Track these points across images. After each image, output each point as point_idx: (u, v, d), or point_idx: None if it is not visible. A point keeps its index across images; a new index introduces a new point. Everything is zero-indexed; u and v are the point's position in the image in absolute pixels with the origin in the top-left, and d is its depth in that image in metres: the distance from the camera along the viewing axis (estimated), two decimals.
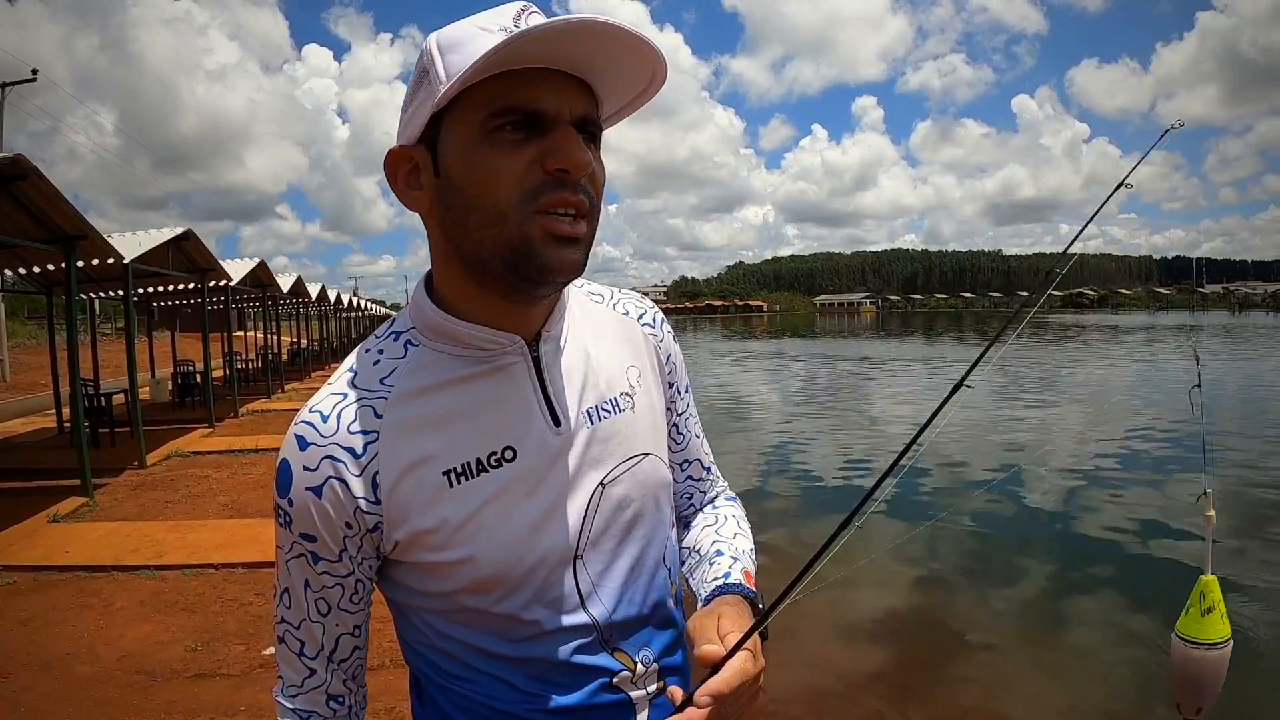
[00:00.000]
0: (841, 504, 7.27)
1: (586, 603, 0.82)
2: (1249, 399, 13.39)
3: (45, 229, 6.93)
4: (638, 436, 0.88)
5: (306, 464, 0.76)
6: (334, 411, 0.78)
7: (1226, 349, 25.31)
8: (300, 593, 0.81)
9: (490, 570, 0.78)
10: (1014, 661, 4.09)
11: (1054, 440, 10.16)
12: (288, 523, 0.78)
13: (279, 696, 0.85)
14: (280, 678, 0.86)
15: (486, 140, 0.70)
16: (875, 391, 16.95)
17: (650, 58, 0.71)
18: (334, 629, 0.83)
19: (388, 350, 0.81)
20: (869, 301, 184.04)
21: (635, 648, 0.85)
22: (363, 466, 0.76)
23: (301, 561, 0.79)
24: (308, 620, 0.82)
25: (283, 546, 0.81)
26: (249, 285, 14.95)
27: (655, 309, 0.98)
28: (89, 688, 3.42)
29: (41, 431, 11.41)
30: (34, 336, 26.78)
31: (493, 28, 0.70)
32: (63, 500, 6.55)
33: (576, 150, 0.70)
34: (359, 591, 0.82)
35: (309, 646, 0.83)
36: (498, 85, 0.69)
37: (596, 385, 0.86)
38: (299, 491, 0.77)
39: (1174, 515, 6.36)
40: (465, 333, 0.78)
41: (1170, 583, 4.99)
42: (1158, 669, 3.59)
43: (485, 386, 0.80)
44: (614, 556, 0.84)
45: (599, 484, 0.83)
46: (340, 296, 30.22)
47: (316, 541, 0.78)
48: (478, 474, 0.78)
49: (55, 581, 4.80)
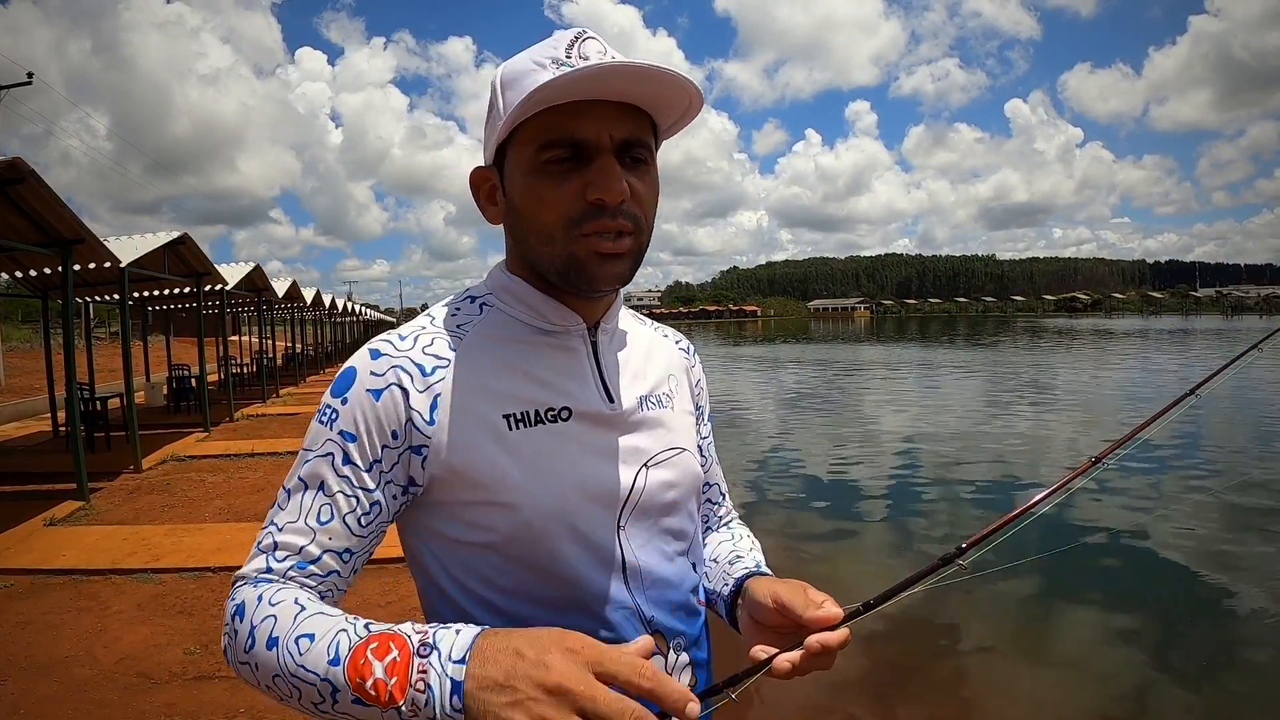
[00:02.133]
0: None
1: (629, 576, 0.84)
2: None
3: (42, 232, 6.92)
4: (678, 431, 0.94)
5: (375, 370, 0.80)
6: (411, 334, 0.84)
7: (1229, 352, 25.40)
8: (306, 494, 0.78)
9: (536, 517, 0.79)
10: (1013, 663, 4.12)
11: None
12: (330, 420, 0.79)
13: (239, 575, 0.79)
14: (243, 571, 0.79)
15: (538, 170, 0.79)
16: (898, 398, 16.97)
17: (682, 88, 0.78)
18: (324, 540, 0.77)
19: (464, 309, 0.89)
20: (863, 306, 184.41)
21: (670, 634, 0.86)
22: (428, 384, 0.80)
23: (327, 461, 0.78)
24: (299, 522, 0.78)
25: (311, 447, 0.80)
26: (244, 290, 14.94)
27: (688, 341, 1.09)
28: (88, 691, 3.41)
29: (36, 435, 11.38)
30: (28, 340, 26.67)
31: (545, 62, 0.78)
32: (59, 504, 6.54)
33: (613, 181, 0.77)
34: (372, 513, 0.79)
35: (285, 546, 0.77)
36: (546, 119, 0.77)
37: (645, 378, 0.93)
38: (357, 392, 0.79)
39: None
40: (543, 302, 0.86)
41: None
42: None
43: (551, 354, 0.86)
44: (655, 535, 0.87)
45: (643, 464, 0.87)
46: (335, 301, 30.18)
47: (355, 441, 0.78)
48: (535, 424, 0.82)
49: (52, 585, 4.79)
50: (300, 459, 0.81)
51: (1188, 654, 4.13)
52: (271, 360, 18.42)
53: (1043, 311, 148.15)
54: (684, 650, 0.87)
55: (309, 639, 0.69)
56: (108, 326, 30.82)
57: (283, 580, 0.77)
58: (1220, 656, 4.07)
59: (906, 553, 5.96)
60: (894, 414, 13.46)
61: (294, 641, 0.69)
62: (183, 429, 11.27)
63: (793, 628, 0.81)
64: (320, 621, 0.70)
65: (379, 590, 4.55)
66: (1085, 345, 34.31)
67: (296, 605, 0.73)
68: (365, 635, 0.67)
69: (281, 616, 0.72)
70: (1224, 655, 4.09)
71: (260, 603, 0.74)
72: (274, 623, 0.71)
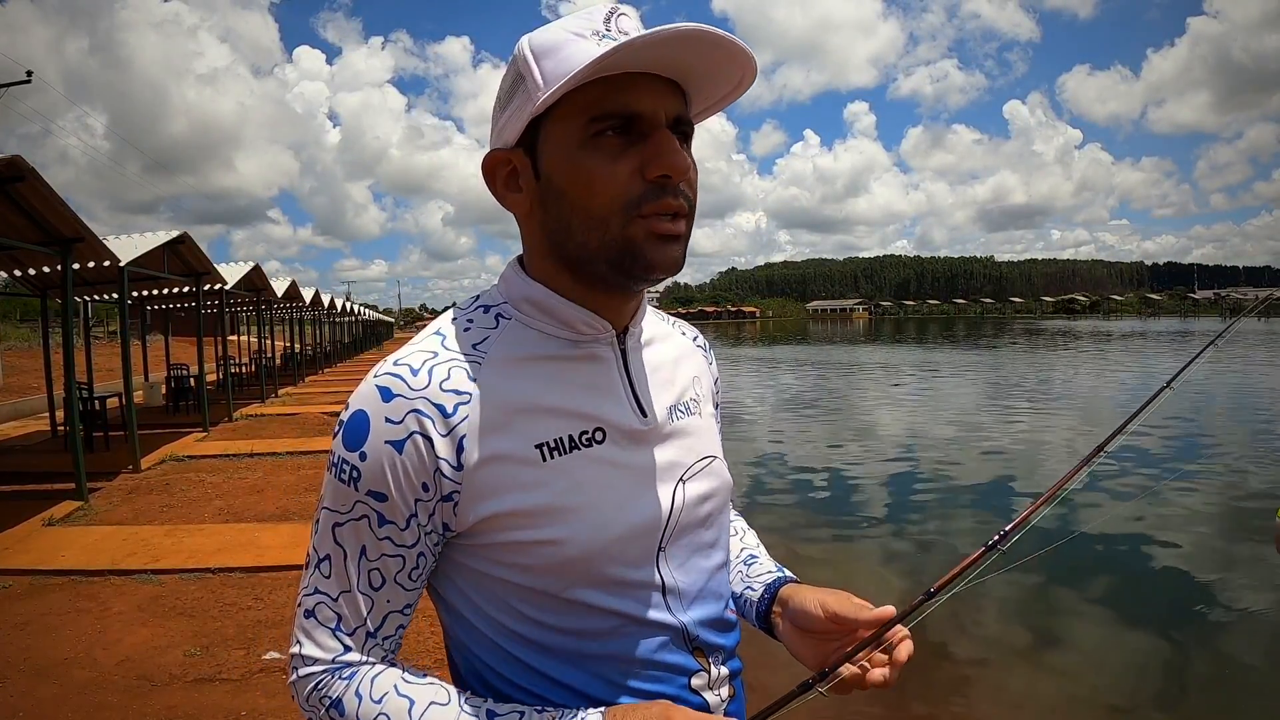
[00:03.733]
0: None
1: (669, 597, 0.80)
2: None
3: (42, 231, 6.90)
4: (707, 439, 0.89)
5: (390, 416, 0.71)
6: (424, 367, 0.74)
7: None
8: (350, 561, 0.74)
9: (578, 552, 0.74)
10: (1010, 663, 4.11)
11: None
12: (353, 480, 0.72)
13: (302, 671, 0.76)
14: (298, 654, 0.76)
15: (588, 145, 0.72)
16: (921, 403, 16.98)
17: (744, 62, 0.73)
18: (384, 605, 0.75)
19: (478, 320, 0.80)
20: (861, 307, 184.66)
21: (710, 649, 0.83)
22: (450, 427, 0.72)
23: (363, 525, 0.73)
24: (354, 592, 0.74)
25: (337, 508, 0.74)
26: (243, 289, 14.91)
27: (703, 336, 1.02)
28: (88, 693, 3.39)
29: (35, 435, 11.35)
30: (26, 340, 26.62)
31: (585, 32, 0.71)
32: (57, 504, 6.51)
33: (675, 155, 0.72)
34: (419, 566, 0.76)
35: (348, 621, 0.75)
36: (596, 91, 0.70)
37: (673, 386, 0.87)
38: (376, 444, 0.71)
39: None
40: (567, 309, 0.78)
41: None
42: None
43: (578, 368, 0.79)
44: (693, 552, 0.83)
45: (679, 479, 0.83)
46: (334, 301, 30.14)
47: (387, 501, 0.72)
48: (570, 450, 0.76)
49: (51, 585, 4.76)
50: (327, 521, 0.75)
51: (1197, 644, 4.12)
52: (270, 360, 18.38)
53: (1041, 313, 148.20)
54: (722, 664, 0.84)
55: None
56: (106, 326, 30.76)
57: (364, 658, 0.76)
58: (1225, 650, 4.07)
59: (914, 557, 5.95)
60: (904, 414, 13.46)
61: None
62: (181, 429, 11.24)
63: (844, 633, 0.86)
64: (438, 715, 0.71)
65: None
66: (1085, 346, 34.32)
67: (403, 698, 0.72)
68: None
69: (395, 715, 0.71)
70: (1229, 649, 4.08)
71: (361, 701, 0.73)
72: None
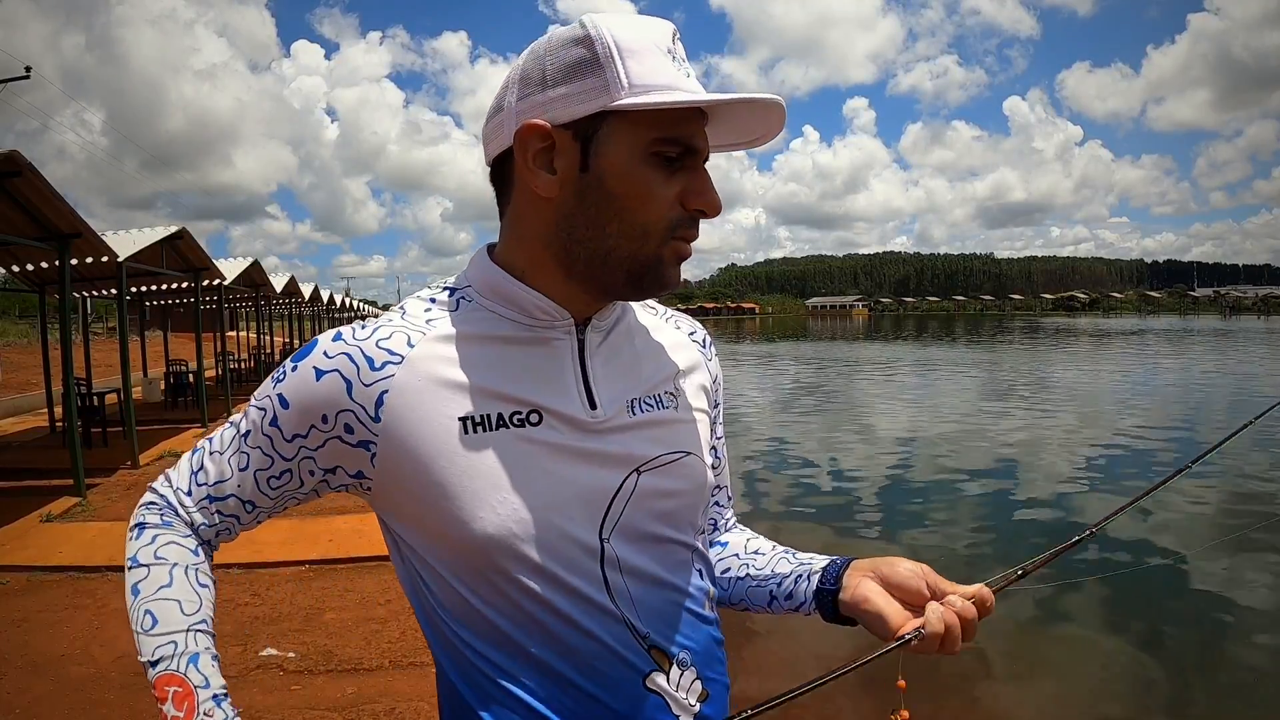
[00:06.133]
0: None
1: (614, 591, 0.78)
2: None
3: (40, 226, 6.88)
4: (682, 434, 0.86)
5: (327, 350, 0.78)
6: (374, 327, 0.80)
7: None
8: (237, 436, 0.83)
9: (496, 530, 0.74)
10: (1012, 663, 4.10)
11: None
12: (278, 380, 0.80)
13: (157, 485, 0.87)
14: (163, 474, 0.88)
15: (648, 160, 0.74)
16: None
17: (775, 128, 0.77)
18: (234, 485, 0.83)
19: (439, 300, 0.83)
20: (861, 304, 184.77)
21: (671, 649, 0.80)
22: (373, 380, 0.76)
23: (261, 415, 0.80)
24: (222, 457, 0.83)
25: (256, 397, 0.82)
26: (242, 285, 14.88)
27: (705, 331, 0.99)
28: (84, 689, 3.38)
29: (33, 431, 11.32)
30: (25, 336, 26.60)
31: (662, 48, 0.74)
32: (55, 500, 6.49)
33: (715, 195, 0.77)
34: (281, 480, 0.81)
35: (204, 474, 0.84)
36: (670, 114, 0.73)
37: (640, 380, 0.85)
38: (305, 367, 0.78)
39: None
40: (520, 293, 0.79)
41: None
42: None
43: (525, 353, 0.79)
44: (648, 545, 0.81)
45: (633, 470, 0.80)
46: (332, 297, 30.11)
47: (288, 410, 0.78)
48: (497, 428, 0.76)
49: (48, 582, 4.76)
50: (251, 402, 0.83)
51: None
52: (269, 356, 18.36)
53: (1040, 310, 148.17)
54: (690, 666, 0.81)
55: (151, 619, 0.77)
56: (105, 322, 30.74)
57: (186, 515, 0.84)
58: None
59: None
60: (907, 412, 13.46)
61: (143, 611, 0.78)
62: (180, 425, 11.22)
63: (925, 601, 0.81)
64: (171, 612, 0.78)
65: (379, 589, 4.53)
66: (1084, 345, 34.33)
67: (168, 574, 0.80)
68: (180, 671, 0.75)
69: (151, 576, 0.80)
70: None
71: (152, 544, 0.82)
72: (145, 575, 0.80)
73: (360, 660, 3.64)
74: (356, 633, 3.95)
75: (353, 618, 4.14)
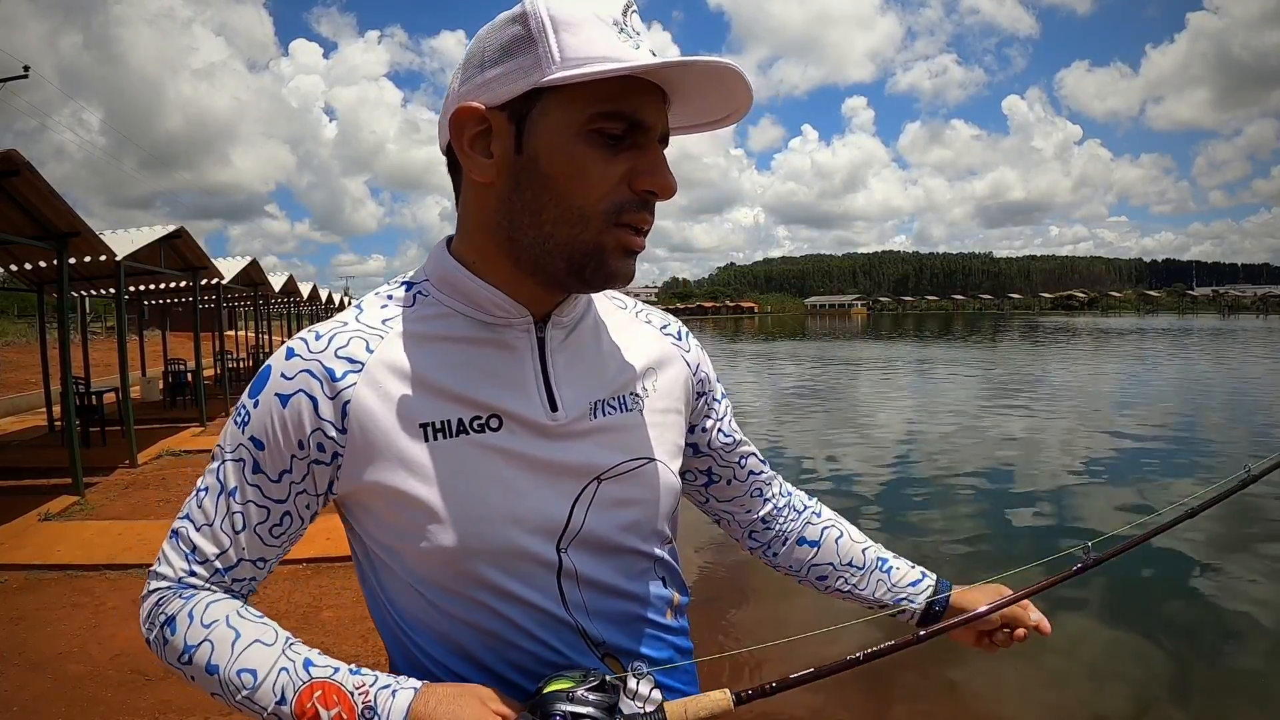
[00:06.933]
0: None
1: (568, 599, 0.77)
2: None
3: (37, 225, 6.86)
4: (645, 440, 0.83)
5: (285, 373, 0.74)
6: (329, 334, 0.76)
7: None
8: (221, 497, 0.76)
9: (453, 541, 0.73)
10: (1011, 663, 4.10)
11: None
12: (243, 423, 0.75)
13: (156, 583, 0.78)
14: (153, 570, 0.79)
15: (584, 138, 0.69)
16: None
17: (744, 103, 0.71)
18: (239, 550, 0.77)
19: (396, 296, 0.80)
20: (860, 303, 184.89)
21: (627, 657, 0.79)
22: (336, 391, 0.73)
23: (238, 466, 0.75)
24: (214, 528, 0.76)
25: (225, 446, 0.77)
26: (241, 284, 14.88)
27: (679, 323, 0.96)
28: (82, 687, 3.38)
29: (31, 430, 11.30)
30: (23, 335, 26.59)
31: (606, 19, 0.68)
32: (54, 499, 6.49)
33: (668, 174, 0.71)
34: (283, 525, 0.78)
35: (202, 551, 0.76)
36: (610, 86, 0.68)
37: (604, 381, 0.82)
38: (267, 396, 0.74)
39: None
40: (477, 290, 0.76)
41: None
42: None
43: (484, 353, 0.77)
44: (607, 555, 0.79)
45: (595, 478, 0.78)
46: (331, 296, 30.09)
47: (264, 450, 0.74)
48: (457, 434, 0.74)
49: (47, 580, 4.75)
50: (217, 455, 0.77)
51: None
52: (268, 355, 18.33)
53: (1039, 309, 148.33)
54: (645, 674, 0.77)
55: (251, 675, 0.71)
56: (104, 321, 30.73)
57: (207, 586, 0.77)
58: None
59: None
60: (909, 410, 13.46)
61: (236, 674, 0.71)
62: (179, 424, 11.21)
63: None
64: (259, 654, 0.72)
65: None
66: (1084, 344, 34.36)
67: (230, 629, 0.74)
68: (308, 680, 0.70)
69: (218, 643, 0.73)
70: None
71: (192, 622, 0.74)
72: (211, 649, 0.73)
73: (357, 658, 3.61)
74: (353, 631, 3.96)
75: (350, 616, 4.14)
